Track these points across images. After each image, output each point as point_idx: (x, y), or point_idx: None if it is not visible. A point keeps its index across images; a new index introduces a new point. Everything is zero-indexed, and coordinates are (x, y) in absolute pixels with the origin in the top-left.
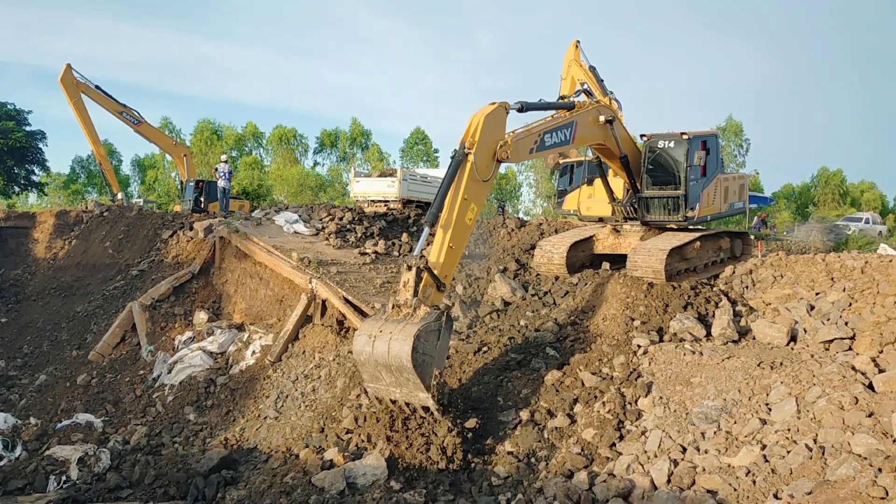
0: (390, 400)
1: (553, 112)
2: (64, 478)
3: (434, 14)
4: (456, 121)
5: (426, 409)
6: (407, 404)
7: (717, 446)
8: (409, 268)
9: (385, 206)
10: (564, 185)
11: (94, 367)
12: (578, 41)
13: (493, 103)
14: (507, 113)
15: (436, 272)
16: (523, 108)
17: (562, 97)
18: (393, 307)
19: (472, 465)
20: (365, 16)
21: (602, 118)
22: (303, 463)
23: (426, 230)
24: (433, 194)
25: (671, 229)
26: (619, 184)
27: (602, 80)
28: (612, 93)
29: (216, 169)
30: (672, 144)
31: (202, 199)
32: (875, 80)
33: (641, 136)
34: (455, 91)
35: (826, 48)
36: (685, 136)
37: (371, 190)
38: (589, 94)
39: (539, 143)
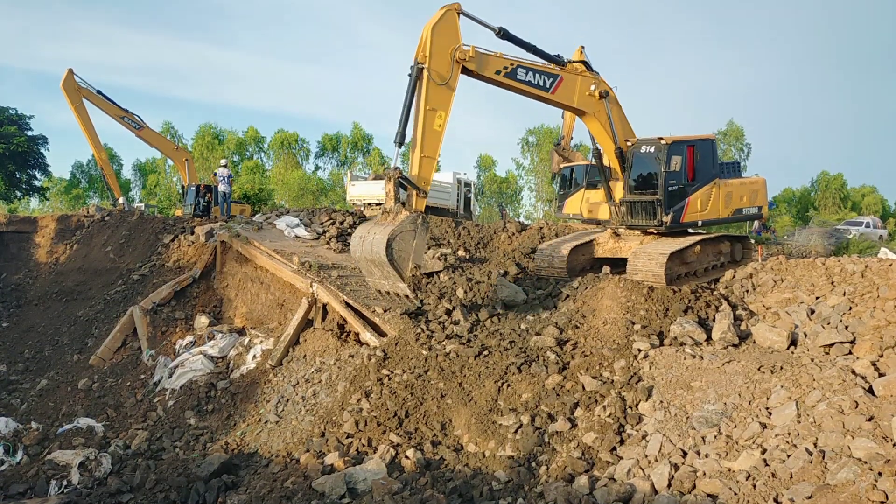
0: (384, 291)
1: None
2: (65, 482)
3: None
4: (456, 125)
5: (406, 296)
6: (395, 293)
7: (718, 450)
8: (389, 179)
9: (381, 208)
10: (565, 188)
11: (95, 372)
12: (583, 46)
13: (443, 7)
14: (459, 16)
15: (414, 181)
16: (502, 33)
17: (583, 62)
18: (382, 213)
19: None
20: (366, 20)
21: (594, 88)
22: (303, 467)
23: (395, 149)
24: (430, 197)
25: (651, 234)
26: (619, 186)
27: None
28: None
29: (216, 173)
30: (652, 149)
31: (204, 203)
32: (876, 83)
33: (626, 141)
34: (456, 95)
35: (826, 52)
36: (663, 142)
37: (367, 193)
38: (588, 67)
39: (510, 70)
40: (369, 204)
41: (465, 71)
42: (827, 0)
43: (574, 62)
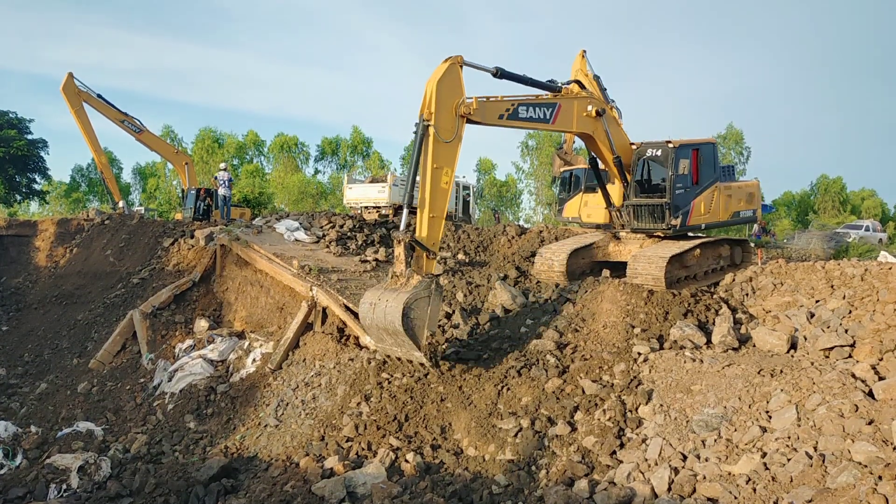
0: (396, 357)
1: (538, 92)
2: (64, 486)
3: (435, 22)
4: None
5: (422, 364)
6: (409, 361)
7: (718, 454)
8: (399, 242)
9: (377, 211)
10: (565, 192)
11: (94, 376)
12: (585, 51)
13: (447, 59)
14: (462, 68)
15: (424, 243)
16: (499, 73)
17: (576, 81)
18: (391, 277)
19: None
20: (366, 24)
21: (591, 108)
22: (303, 471)
23: (405, 210)
24: None
25: (658, 237)
26: (617, 191)
27: (605, 89)
28: (613, 101)
29: (216, 177)
30: (658, 153)
31: (204, 207)
32: (876, 87)
33: (631, 144)
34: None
35: (826, 55)
36: (671, 145)
37: (363, 196)
38: (582, 85)
39: (512, 111)
40: (366, 207)
41: (470, 121)
42: (827, 4)
43: (570, 82)
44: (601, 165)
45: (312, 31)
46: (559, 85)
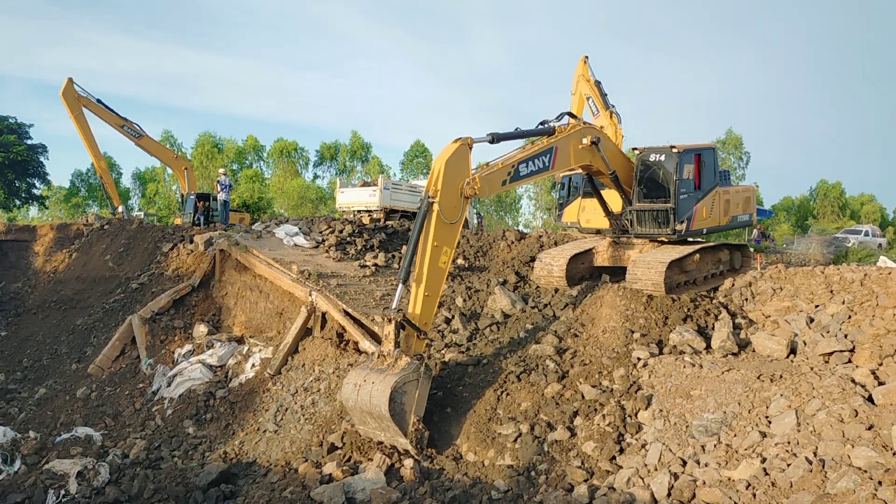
0: (378, 442)
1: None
2: (63, 492)
3: (434, 27)
4: (456, 133)
5: (407, 451)
6: (392, 446)
7: (718, 459)
8: (389, 321)
9: (368, 215)
10: (563, 197)
11: (93, 381)
12: (587, 56)
13: (457, 140)
14: (471, 148)
15: (415, 322)
16: (495, 139)
17: (568, 113)
18: (378, 356)
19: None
20: (365, 29)
21: (586, 140)
22: (302, 477)
23: (400, 287)
24: (417, 203)
25: (662, 242)
26: (614, 197)
27: (605, 95)
28: (613, 106)
29: (218, 181)
30: (662, 158)
31: (207, 213)
32: (875, 92)
33: (634, 149)
34: (455, 104)
35: (826, 60)
36: (675, 150)
37: (355, 200)
38: (573, 116)
39: (513, 174)
40: (359, 211)
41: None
42: (826, 10)
43: (562, 115)
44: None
45: (312, 37)
46: (551, 125)
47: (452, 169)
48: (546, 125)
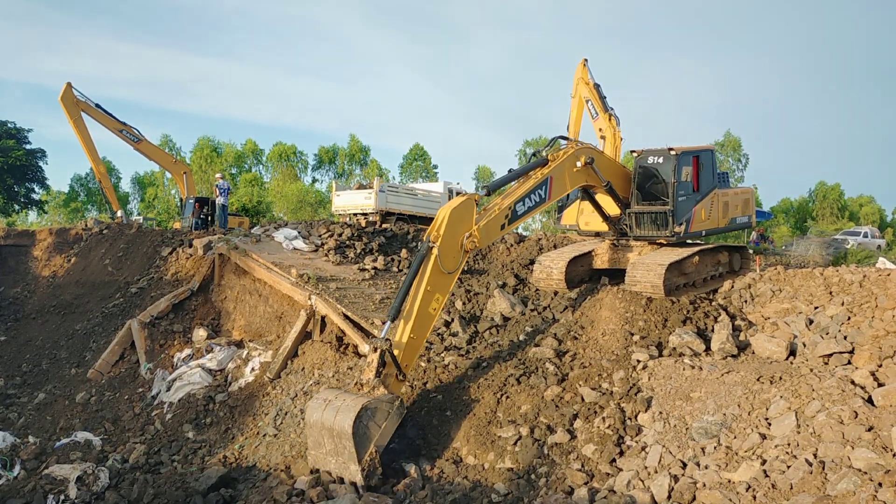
0: (325, 472)
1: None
2: (62, 497)
3: (433, 31)
4: (455, 137)
5: (353, 483)
6: (339, 478)
7: (718, 461)
8: (375, 349)
9: (364, 218)
10: (562, 199)
11: (92, 385)
12: (586, 59)
13: (464, 195)
14: (478, 204)
15: (398, 360)
16: (490, 191)
17: (561, 137)
18: (356, 384)
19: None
20: (364, 33)
21: (580, 163)
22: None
23: (388, 323)
24: (414, 206)
25: (661, 245)
26: (609, 201)
27: (605, 97)
28: (612, 108)
29: (216, 185)
30: (660, 160)
31: (207, 217)
32: (874, 93)
33: (632, 151)
34: (454, 107)
35: (824, 62)
36: (673, 152)
37: (350, 203)
38: (566, 138)
39: (511, 215)
40: (355, 214)
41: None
42: (825, 12)
43: (555, 139)
44: None
45: (310, 41)
46: (544, 157)
47: (456, 218)
48: (538, 156)
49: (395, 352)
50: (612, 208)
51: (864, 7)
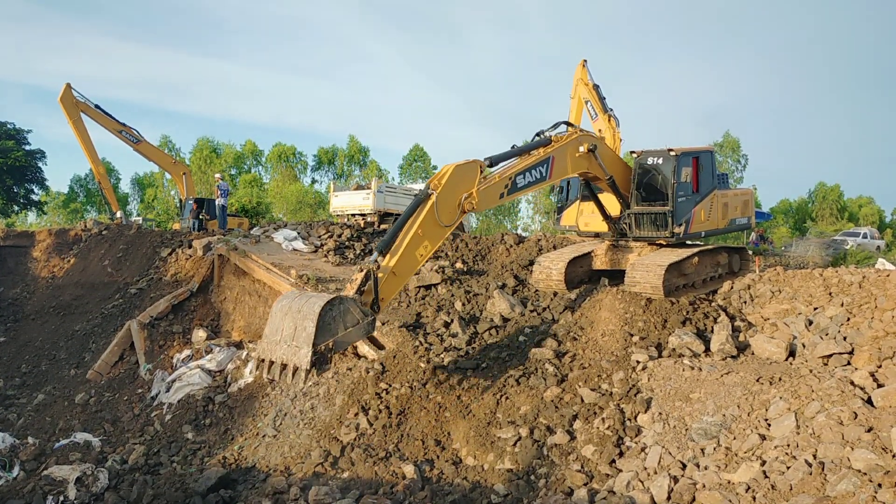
0: (269, 360)
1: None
2: (62, 498)
3: (432, 32)
4: (454, 138)
5: (296, 369)
6: (283, 365)
7: (717, 462)
8: (361, 270)
9: (362, 219)
10: (562, 200)
11: (92, 386)
12: (585, 60)
13: (468, 159)
14: (482, 171)
15: (379, 288)
16: (493, 163)
17: (565, 122)
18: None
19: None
20: (363, 34)
21: (583, 148)
22: (301, 482)
23: (375, 255)
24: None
25: (661, 245)
26: (612, 201)
27: (604, 98)
28: (612, 110)
29: (218, 186)
30: (660, 161)
31: (200, 218)
32: (873, 94)
33: (631, 152)
34: (453, 108)
35: (824, 63)
36: (672, 153)
37: (348, 204)
38: (570, 124)
39: (511, 186)
40: (353, 215)
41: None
42: (824, 12)
43: (558, 124)
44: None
45: (309, 42)
46: (547, 136)
47: (459, 176)
48: (542, 136)
49: (380, 275)
50: (613, 208)
51: (863, 7)
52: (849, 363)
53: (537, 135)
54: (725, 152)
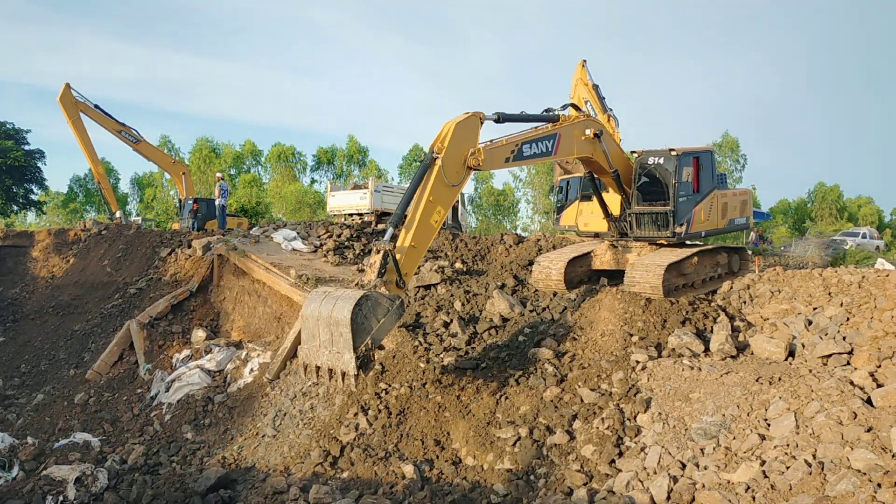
0: (315, 366)
1: (537, 124)
2: (61, 498)
3: (432, 32)
4: None
5: (344, 374)
6: (330, 370)
7: (717, 462)
8: (378, 251)
9: (360, 218)
10: (561, 200)
11: (91, 386)
12: (585, 60)
13: (468, 113)
14: (482, 123)
15: (399, 266)
16: (500, 118)
17: (572, 105)
18: (357, 285)
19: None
20: (362, 34)
21: (589, 132)
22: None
23: (390, 230)
24: None
25: (660, 245)
26: (614, 200)
27: (603, 98)
28: (611, 110)
29: (219, 186)
30: (661, 161)
31: (196, 219)
32: (872, 94)
33: (632, 152)
34: (453, 108)
35: (823, 63)
36: (674, 153)
37: (345, 203)
38: (577, 108)
39: (517, 152)
40: (350, 214)
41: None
42: (823, 13)
43: (567, 105)
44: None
45: (309, 42)
46: (556, 113)
47: (461, 134)
48: (551, 112)
49: (398, 256)
50: (615, 206)
51: (863, 7)
52: (848, 363)
53: (546, 111)
54: (724, 152)
